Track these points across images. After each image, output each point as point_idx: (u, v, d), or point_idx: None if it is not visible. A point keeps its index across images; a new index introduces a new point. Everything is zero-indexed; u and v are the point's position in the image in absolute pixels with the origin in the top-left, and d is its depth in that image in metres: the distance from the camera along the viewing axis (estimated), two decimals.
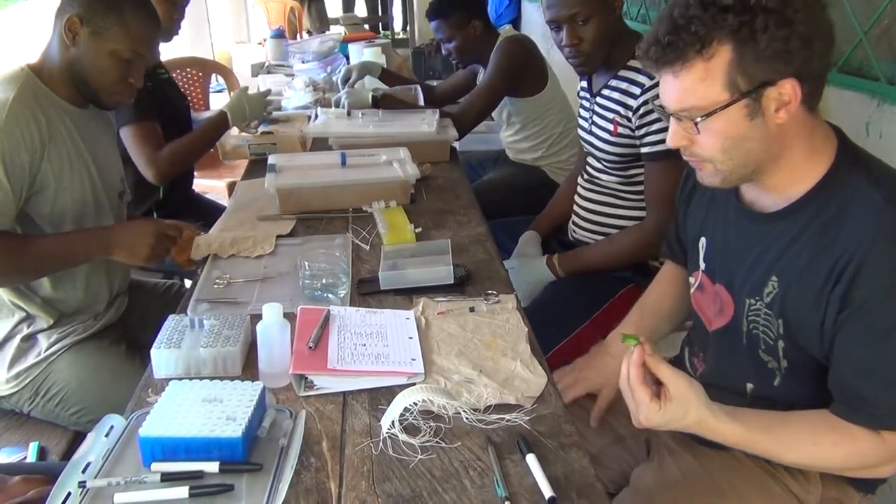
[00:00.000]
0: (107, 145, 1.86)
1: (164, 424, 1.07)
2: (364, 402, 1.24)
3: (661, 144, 1.87)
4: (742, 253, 1.23)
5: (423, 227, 1.91)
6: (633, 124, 1.91)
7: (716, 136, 1.11)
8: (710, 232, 1.33)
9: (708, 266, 1.32)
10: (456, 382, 1.27)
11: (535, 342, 1.41)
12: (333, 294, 1.56)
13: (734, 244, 1.26)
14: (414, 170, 2.09)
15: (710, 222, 1.33)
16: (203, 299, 1.57)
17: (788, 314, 1.16)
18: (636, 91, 1.89)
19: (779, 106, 1.08)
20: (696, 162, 1.18)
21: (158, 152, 2.27)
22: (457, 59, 2.99)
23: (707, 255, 1.33)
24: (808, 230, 1.13)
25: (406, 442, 1.13)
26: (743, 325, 1.24)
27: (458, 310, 1.51)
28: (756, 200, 1.23)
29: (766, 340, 1.21)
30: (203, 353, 1.30)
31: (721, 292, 1.28)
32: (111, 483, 1.03)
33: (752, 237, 1.22)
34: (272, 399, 1.22)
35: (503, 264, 1.74)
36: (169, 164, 2.29)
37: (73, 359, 1.71)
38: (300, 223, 1.99)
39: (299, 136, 2.61)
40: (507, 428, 1.16)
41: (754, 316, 1.21)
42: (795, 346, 1.17)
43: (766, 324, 1.20)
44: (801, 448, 1.13)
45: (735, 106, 1.08)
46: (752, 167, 1.14)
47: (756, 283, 1.20)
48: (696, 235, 1.36)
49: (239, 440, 1.06)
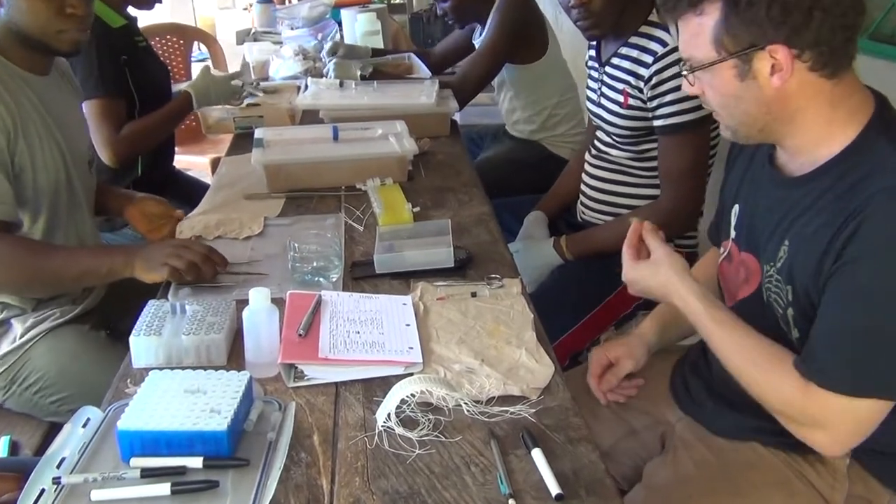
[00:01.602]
0: (72, 112, 1.85)
1: (144, 417, 1.08)
2: (358, 393, 1.25)
3: (675, 117, 1.86)
4: (765, 219, 1.26)
5: (422, 207, 1.91)
6: (645, 95, 1.90)
7: (713, 90, 1.20)
8: (742, 199, 1.35)
9: (737, 234, 1.34)
10: (456, 372, 1.27)
11: (542, 330, 1.41)
12: (325, 278, 1.56)
13: (762, 210, 1.27)
14: (412, 144, 2.09)
15: (744, 189, 1.35)
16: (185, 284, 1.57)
17: (796, 281, 1.18)
18: (648, 59, 1.88)
19: (774, 70, 1.13)
20: (714, 114, 1.25)
21: (117, 133, 2.28)
22: (453, 19, 2.94)
23: (738, 222, 1.34)
24: (827, 195, 1.14)
25: (403, 436, 1.13)
26: (763, 294, 1.26)
27: (458, 295, 1.51)
28: (786, 164, 1.25)
29: (778, 309, 1.23)
30: (185, 341, 1.30)
31: (747, 260, 1.30)
32: (88, 479, 1.03)
33: (777, 202, 1.24)
34: (259, 390, 1.23)
35: (507, 246, 1.74)
36: (126, 147, 2.29)
37: (51, 345, 1.72)
38: (289, 202, 1.99)
39: (288, 109, 2.60)
40: (512, 421, 1.17)
41: (769, 283, 1.24)
42: (803, 315, 1.18)
43: (778, 291, 1.22)
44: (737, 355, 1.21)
45: (723, 65, 1.15)
46: (756, 126, 1.20)
47: (773, 249, 1.23)
48: (731, 203, 1.38)
49: (224, 434, 1.06)
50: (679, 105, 1.85)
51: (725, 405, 1.37)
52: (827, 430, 1.14)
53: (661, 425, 1.48)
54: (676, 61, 1.83)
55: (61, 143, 1.73)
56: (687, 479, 1.33)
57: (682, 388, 1.48)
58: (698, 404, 1.43)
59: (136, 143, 2.32)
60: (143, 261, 1.56)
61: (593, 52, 2.12)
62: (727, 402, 1.37)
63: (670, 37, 1.84)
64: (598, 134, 2.14)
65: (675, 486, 1.33)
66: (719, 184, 1.49)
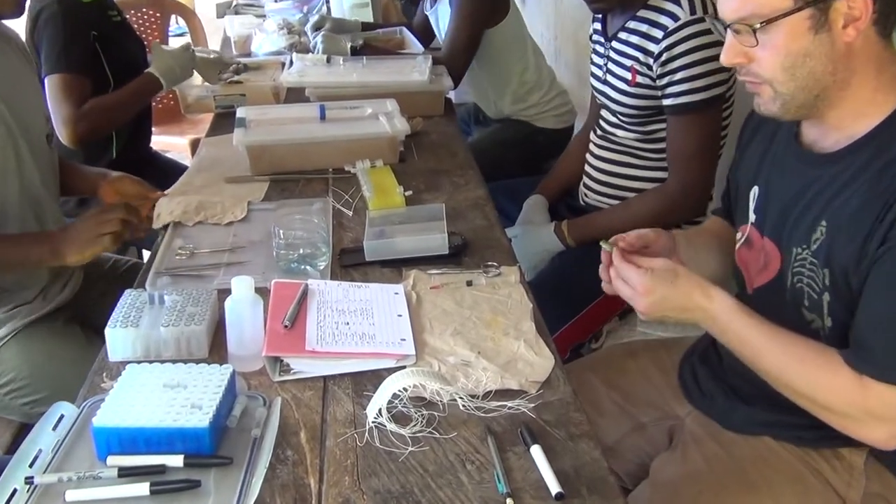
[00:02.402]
0: (22, 81, 1.80)
1: (121, 413, 1.08)
2: (347, 387, 1.25)
3: (686, 96, 1.86)
4: (794, 200, 1.25)
5: (414, 190, 1.91)
6: (654, 73, 1.90)
7: (776, 50, 1.15)
8: (763, 180, 1.34)
9: (758, 218, 1.33)
10: (451, 365, 1.28)
11: (541, 320, 1.41)
12: (312, 266, 1.56)
13: (788, 192, 1.26)
14: (403, 124, 2.08)
15: (764, 170, 1.34)
16: (164, 272, 1.57)
17: (834, 264, 1.17)
18: (658, 34, 1.87)
19: (847, 21, 1.11)
20: (754, 85, 1.21)
21: (78, 111, 2.27)
22: None
23: (758, 205, 1.34)
24: (865, 172, 1.14)
25: (395, 432, 1.14)
26: (787, 279, 1.25)
27: (453, 284, 1.51)
28: (817, 141, 1.24)
29: (811, 295, 1.22)
30: (164, 333, 1.30)
31: (768, 246, 1.29)
32: (62, 479, 1.03)
33: (807, 181, 1.23)
34: (243, 385, 1.23)
35: (505, 232, 1.74)
36: (85, 125, 2.28)
37: (23, 344, 1.71)
38: (274, 186, 1.98)
39: (272, 87, 2.60)
40: (509, 416, 1.17)
41: (799, 267, 1.23)
42: (840, 301, 1.18)
43: (811, 275, 1.21)
44: (780, 355, 1.18)
45: (798, 15, 1.12)
46: (815, 91, 1.17)
47: (804, 231, 1.21)
48: (748, 184, 1.37)
49: (206, 431, 1.06)
50: (690, 84, 1.85)
51: (737, 398, 1.38)
52: (886, 424, 1.13)
53: (668, 419, 1.49)
54: (689, 36, 1.82)
55: (4, 113, 1.68)
56: (696, 475, 1.34)
57: (692, 380, 1.48)
58: (708, 397, 1.44)
59: (97, 120, 2.31)
60: (71, 244, 1.57)
61: (598, 25, 2.11)
62: (739, 394, 1.37)
63: (682, 10, 1.83)
64: (603, 113, 2.14)
65: (683, 482, 1.34)
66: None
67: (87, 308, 1.86)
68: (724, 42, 1.21)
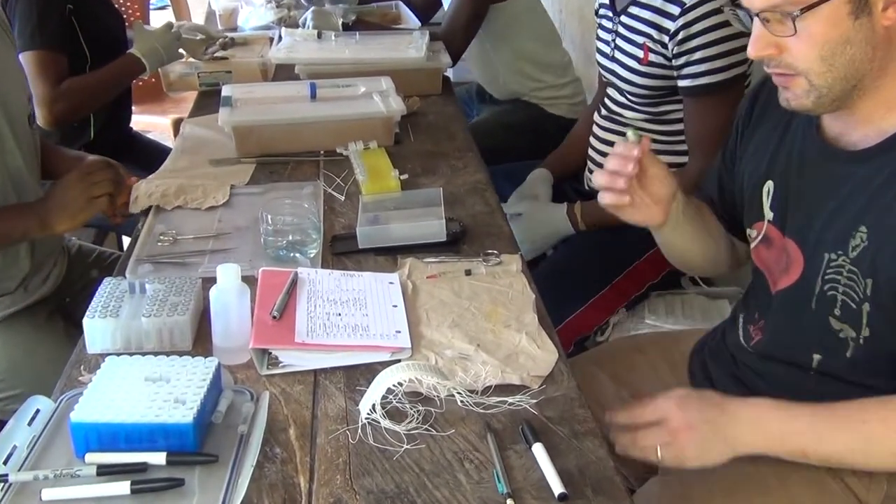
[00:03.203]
0: (1, 58, 1.81)
1: (100, 408, 1.08)
2: (339, 382, 1.25)
3: (705, 77, 1.85)
4: (821, 199, 1.23)
5: (410, 174, 1.90)
6: (669, 52, 1.88)
7: (813, 39, 1.13)
8: (779, 175, 1.32)
9: (777, 216, 1.32)
10: (449, 359, 1.28)
11: (544, 311, 1.41)
12: (302, 253, 1.56)
13: (813, 191, 1.25)
14: (399, 104, 2.08)
15: (779, 163, 1.32)
16: (145, 259, 1.57)
17: (880, 273, 1.16)
18: (674, 10, 1.85)
19: (888, 3, 1.10)
20: (786, 78, 1.19)
21: (54, 90, 2.26)
22: None
23: (775, 202, 1.32)
24: None
25: (389, 429, 1.14)
26: (815, 286, 1.24)
27: (451, 273, 1.51)
28: (842, 135, 1.23)
29: (847, 304, 1.21)
30: (145, 324, 1.30)
31: (790, 247, 1.28)
32: (38, 477, 1.04)
33: (835, 180, 1.21)
34: (229, 379, 1.23)
35: (506, 218, 1.74)
36: (62, 106, 2.28)
37: (2, 337, 1.71)
38: (261, 169, 1.98)
39: (259, 63, 2.59)
40: (510, 413, 1.17)
41: (834, 274, 1.22)
42: (884, 311, 1.17)
43: (850, 284, 1.20)
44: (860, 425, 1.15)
45: (837, 1, 1.10)
46: (853, 81, 1.15)
47: (839, 235, 1.20)
48: (760, 178, 1.35)
49: (190, 427, 1.07)
50: (710, 63, 1.84)
51: (751, 394, 1.38)
52: None
53: None
54: (708, 13, 1.80)
55: None
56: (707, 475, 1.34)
57: (702, 376, 1.49)
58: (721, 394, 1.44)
59: (75, 102, 2.31)
60: (60, 212, 1.57)
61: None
62: (753, 391, 1.38)
63: None
64: (610, 92, 2.13)
65: (695, 482, 1.34)
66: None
67: (69, 301, 1.86)
68: (751, 32, 1.18)
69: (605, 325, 2.07)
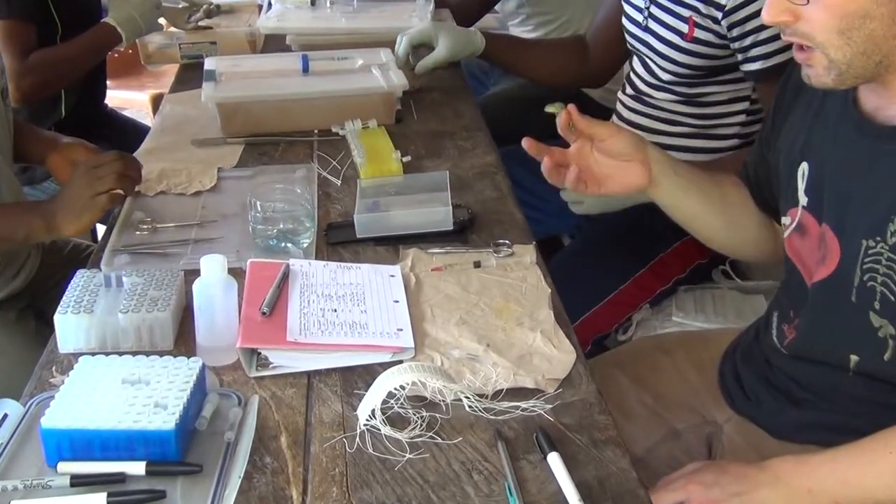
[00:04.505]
0: None
1: (74, 413, 1.08)
2: (335, 384, 1.26)
3: (777, 56, 1.78)
4: (858, 180, 1.23)
5: (414, 156, 1.91)
6: (722, 28, 1.81)
7: (830, 11, 1.13)
8: (814, 155, 1.32)
9: (811, 201, 1.31)
10: (456, 360, 1.29)
11: (561, 308, 1.42)
12: (294, 243, 1.56)
13: (848, 170, 1.25)
14: (401, 78, 2.08)
15: (814, 142, 1.32)
16: (121, 249, 1.58)
17: None
18: None
19: None
20: (804, 54, 1.19)
21: (22, 63, 2.26)
22: None
23: (810, 186, 1.32)
24: None
25: (390, 437, 1.14)
26: (854, 276, 1.24)
27: (458, 265, 1.52)
28: (879, 108, 1.22)
29: (887, 296, 1.20)
30: (122, 321, 1.31)
31: (827, 235, 1.28)
32: (6, 488, 1.04)
33: (872, 157, 1.21)
34: (214, 381, 1.24)
35: (518, 204, 1.74)
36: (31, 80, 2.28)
37: None
38: (249, 150, 1.99)
39: (247, 34, 2.59)
40: (523, 419, 1.18)
41: (873, 263, 1.21)
42: None
43: (889, 273, 1.19)
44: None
45: None
46: (876, 57, 1.15)
47: (877, 219, 1.20)
48: (795, 160, 1.35)
49: (171, 434, 1.07)
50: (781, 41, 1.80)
51: (787, 401, 1.38)
52: None
53: (707, 426, 1.50)
54: None
55: None
56: None
57: (734, 381, 1.49)
58: (753, 401, 1.44)
59: (45, 76, 2.31)
60: (66, 212, 1.55)
61: None
62: (789, 397, 1.38)
63: None
64: (637, 67, 2.11)
65: None
66: None
67: (42, 298, 1.87)
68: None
69: (628, 324, 2.06)
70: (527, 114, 2.77)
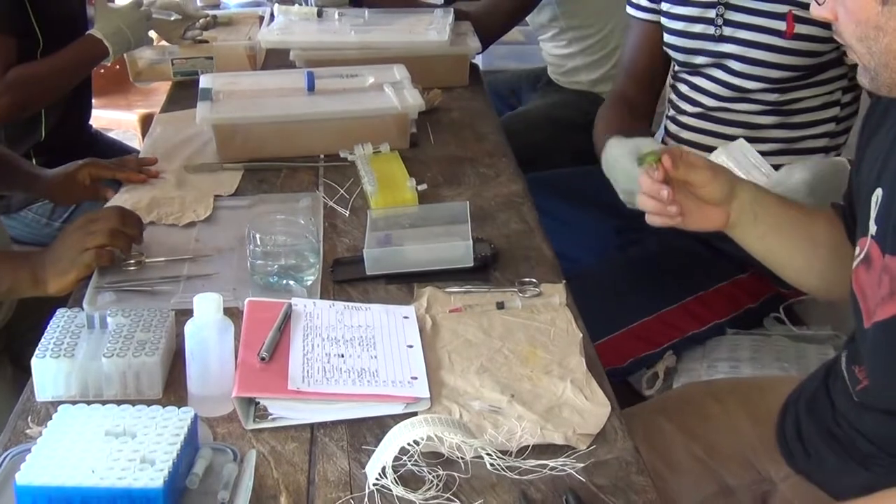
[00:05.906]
0: None
1: (52, 469, 1.08)
2: (341, 439, 1.26)
3: None
4: None
5: (430, 184, 1.92)
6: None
7: (849, 16, 1.19)
8: (887, 182, 1.32)
9: (879, 230, 1.32)
10: (476, 412, 1.28)
11: (594, 355, 1.41)
12: (297, 281, 1.57)
13: None
14: (417, 98, 2.09)
15: (891, 167, 1.32)
16: (106, 287, 1.58)
17: None
18: None
19: None
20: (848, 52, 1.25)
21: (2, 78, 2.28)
22: None
23: (880, 214, 1.32)
24: None
25: (403, 498, 1.14)
26: None
27: (480, 305, 1.52)
28: None
29: None
30: (107, 366, 1.31)
31: (892, 266, 1.28)
32: None
33: None
34: (207, 434, 1.24)
35: (547, 239, 1.74)
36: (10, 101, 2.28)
37: None
38: (248, 176, 2.00)
39: (246, 48, 2.61)
40: (551, 479, 1.17)
41: None
42: None
43: None
44: None
45: None
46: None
47: None
48: (870, 187, 1.35)
49: (159, 492, 1.07)
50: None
51: (853, 460, 1.37)
52: None
53: (762, 483, 1.49)
54: None
55: None
56: None
57: (795, 435, 1.48)
58: (814, 459, 1.43)
59: (24, 94, 2.32)
60: (53, 266, 1.54)
61: None
62: (855, 456, 1.37)
63: None
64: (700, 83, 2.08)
65: None
66: None
67: (19, 340, 1.87)
68: None
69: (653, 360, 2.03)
70: (557, 136, 2.79)
